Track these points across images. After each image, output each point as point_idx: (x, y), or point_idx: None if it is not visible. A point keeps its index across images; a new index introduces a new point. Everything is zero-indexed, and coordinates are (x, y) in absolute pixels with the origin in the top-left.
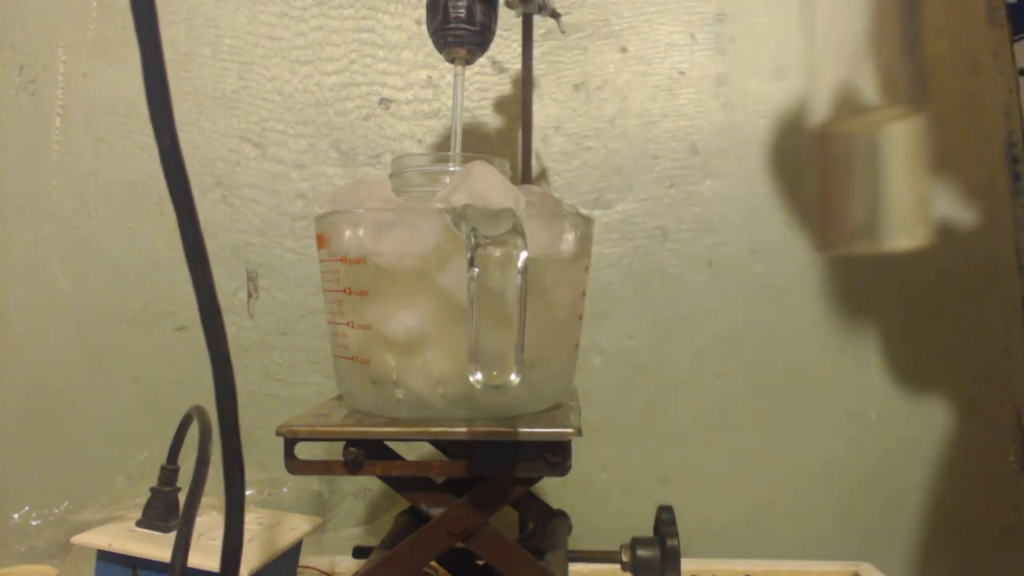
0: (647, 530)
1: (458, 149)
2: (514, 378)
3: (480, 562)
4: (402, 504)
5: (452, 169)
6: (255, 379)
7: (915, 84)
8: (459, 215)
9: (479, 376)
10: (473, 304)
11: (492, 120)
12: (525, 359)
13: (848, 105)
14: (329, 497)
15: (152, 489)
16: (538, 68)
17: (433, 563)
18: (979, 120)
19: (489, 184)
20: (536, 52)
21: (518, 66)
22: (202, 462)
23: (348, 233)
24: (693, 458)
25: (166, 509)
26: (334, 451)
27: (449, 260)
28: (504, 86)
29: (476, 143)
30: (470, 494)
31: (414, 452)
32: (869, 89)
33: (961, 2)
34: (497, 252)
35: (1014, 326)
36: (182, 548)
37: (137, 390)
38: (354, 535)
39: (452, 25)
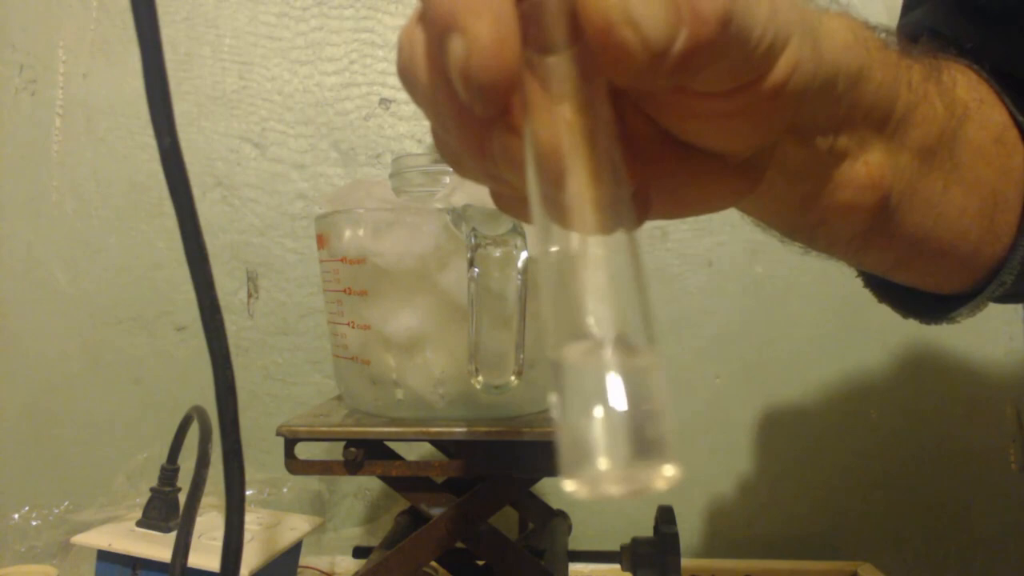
0: (647, 530)
1: None
2: (514, 378)
3: (480, 562)
4: (402, 504)
5: (452, 169)
6: (255, 379)
7: None
8: (459, 215)
9: (479, 376)
10: (473, 304)
11: None
12: (525, 359)
13: None
14: (329, 497)
15: (152, 489)
16: None
17: (433, 563)
18: None
19: None
20: None
21: None
22: (202, 462)
23: (348, 233)
24: (693, 458)
25: (166, 509)
26: (334, 451)
27: (449, 260)
28: None
29: None
30: (470, 494)
31: (414, 452)
32: None
33: None
34: (497, 252)
35: (1014, 326)
36: (182, 548)
37: (137, 390)
38: (354, 535)
39: None
